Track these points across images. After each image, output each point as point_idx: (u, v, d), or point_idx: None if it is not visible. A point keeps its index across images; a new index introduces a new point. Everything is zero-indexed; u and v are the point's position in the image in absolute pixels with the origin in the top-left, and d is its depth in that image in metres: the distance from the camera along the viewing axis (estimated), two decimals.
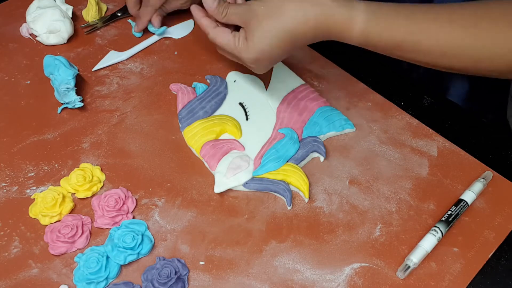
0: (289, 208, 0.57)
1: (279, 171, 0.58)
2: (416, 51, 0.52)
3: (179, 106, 0.65)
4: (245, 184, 0.58)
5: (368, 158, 0.62)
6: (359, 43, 0.53)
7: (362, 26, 0.51)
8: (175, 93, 0.68)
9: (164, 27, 0.74)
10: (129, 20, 0.77)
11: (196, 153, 0.61)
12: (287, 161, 0.59)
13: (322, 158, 0.61)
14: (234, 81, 0.68)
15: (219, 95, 0.66)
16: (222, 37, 0.56)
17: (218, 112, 0.65)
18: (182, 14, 0.79)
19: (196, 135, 0.61)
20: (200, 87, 0.67)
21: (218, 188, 0.57)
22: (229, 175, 0.58)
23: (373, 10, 0.52)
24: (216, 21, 0.58)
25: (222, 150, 0.60)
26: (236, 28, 0.58)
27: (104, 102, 0.67)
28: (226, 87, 0.67)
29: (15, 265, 0.52)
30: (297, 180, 0.58)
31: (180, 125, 0.64)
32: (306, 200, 0.58)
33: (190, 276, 0.52)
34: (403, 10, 0.52)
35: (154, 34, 0.75)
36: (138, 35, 0.75)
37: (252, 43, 0.54)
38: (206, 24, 0.58)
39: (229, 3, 0.57)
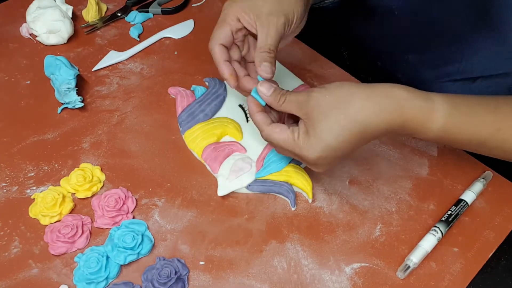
0: (293, 209, 0.57)
1: (281, 172, 0.58)
2: (502, 150, 0.48)
3: (179, 110, 0.65)
4: (249, 187, 0.58)
5: (368, 158, 0.62)
6: (437, 137, 0.48)
7: (442, 121, 0.46)
8: (173, 97, 0.67)
9: None
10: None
11: (198, 157, 0.61)
12: (290, 162, 0.59)
13: None
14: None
15: (218, 98, 0.66)
16: (278, 133, 0.49)
17: (218, 115, 0.64)
18: (182, 14, 0.79)
19: (197, 139, 0.61)
20: (199, 90, 0.67)
21: (221, 191, 0.57)
22: (232, 178, 0.57)
23: (454, 103, 0.47)
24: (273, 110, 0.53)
25: (223, 152, 0.60)
26: (294, 121, 0.52)
27: (104, 102, 0.67)
28: (225, 89, 0.67)
29: (15, 265, 0.52)
30: (300, 181, 0.58)
31: (180, 128, 0.63)
32: (310, 200, 0.58)
33: (190, 276, 0.52)
34: (486, 103, 0.48)
35: (155, 34, 0.75)
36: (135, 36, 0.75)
37: (315, 138, 0.46)
38: (260, 120, 0.50)
39: (287, 91, 0.50)
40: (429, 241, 0.53)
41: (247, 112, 0.65)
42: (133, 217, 0.56)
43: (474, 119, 0.47)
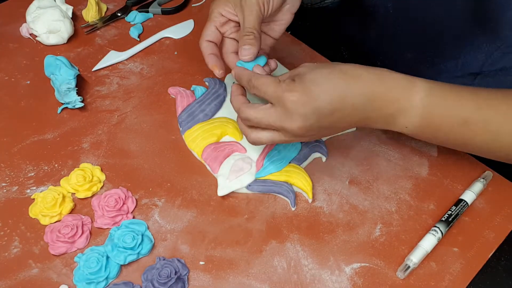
0: (293, 209, 0.57)
1: (281, 172, 0.58)
2: (485, 131, 0.48)
3: (179, 110, 0.65)
4: (249, 187, 0.58)
5: (368, 158, 0.62)
6: (419, 116, 0.48)
7: (423, 94, 0.48)
8: (173, 97, 0.67)
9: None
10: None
11: (198, 157, 0.61)
12: (290, 162, 0.59)
13: (324, 158, 0.61)
14: (233, 83, 0.68)
15: (218, 98, 0.66)
16: (264, 84, 0.49)
17: (218, 115, 0.64)
18: (182, 14, 0.79)
19: (197, 139, 0.61)
20: (199, 90, 0.67)
21: (221, 191, 0.57)
22: (232, 178, 0.57)
23: (434, 82, 0.49)
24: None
25: (223, 152, 0.60)
26: None
27: (104, 102, 0.67)
28: (225, 89, 0.67)
29: (15, 265, 0.52)
30: (300, 181, 0.58)
31: (180, 128, 0.63)
32: (310, 200, 0.58)
33: (190, 276, 0.52)
34: (466, 87, 0.50)
35: (155, 34, 0.75)
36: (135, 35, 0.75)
37: (299, 82, 0.47)
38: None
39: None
40: (429, 241, 0.53)
41: None
42: (133, 217, 0.56)
43: (455, 95, 0.49)
